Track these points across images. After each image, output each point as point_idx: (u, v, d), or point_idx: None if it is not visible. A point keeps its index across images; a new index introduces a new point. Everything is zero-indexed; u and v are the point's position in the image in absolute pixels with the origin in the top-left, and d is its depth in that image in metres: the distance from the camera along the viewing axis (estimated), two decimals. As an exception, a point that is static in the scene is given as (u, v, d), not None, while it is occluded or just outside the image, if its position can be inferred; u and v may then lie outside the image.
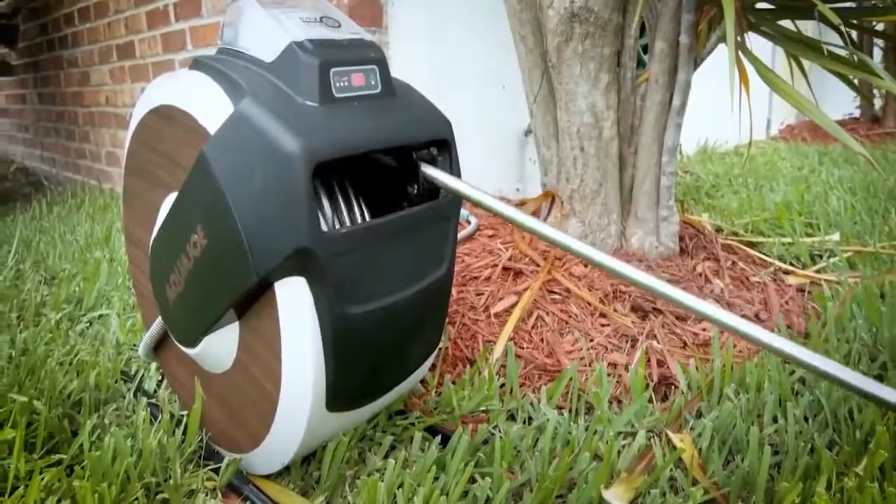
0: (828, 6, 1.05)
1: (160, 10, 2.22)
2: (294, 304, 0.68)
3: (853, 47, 1.22)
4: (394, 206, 0.76)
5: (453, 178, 0.74)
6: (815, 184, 2.17)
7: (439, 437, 0.86)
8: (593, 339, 1.08)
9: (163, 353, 0.95)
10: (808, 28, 1.41)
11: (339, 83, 0.69)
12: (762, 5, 1.27)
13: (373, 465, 0.81)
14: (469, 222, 1.46)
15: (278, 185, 0.63)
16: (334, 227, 0.72)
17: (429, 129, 0.76)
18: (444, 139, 0.77)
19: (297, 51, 0.68)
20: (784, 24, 1.30)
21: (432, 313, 0.82)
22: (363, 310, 0.70)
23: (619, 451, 0.82)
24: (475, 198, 0.72)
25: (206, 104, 0.70)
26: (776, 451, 0.82)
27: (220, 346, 0.78)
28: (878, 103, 3.68)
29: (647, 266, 1.28)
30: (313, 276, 0.66)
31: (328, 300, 0.67)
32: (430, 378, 1.01)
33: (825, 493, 0.70)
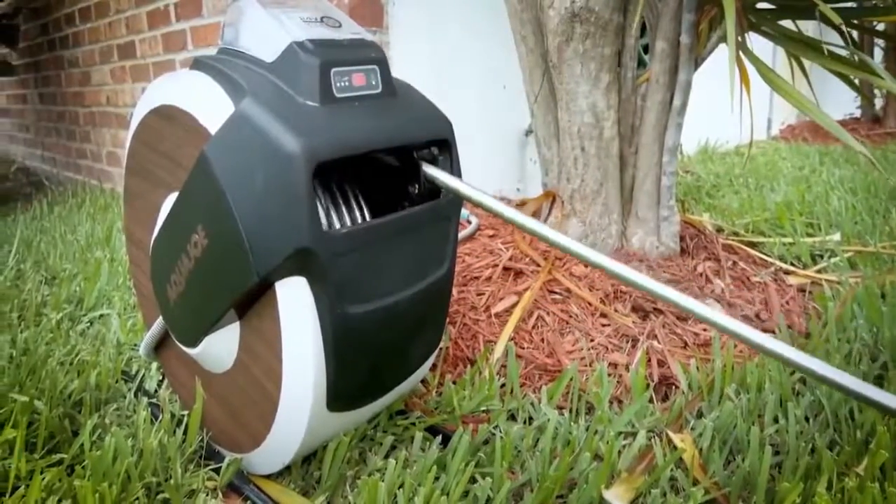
0: (829, 6, 1.05)
1: (161, 10, 2.22)
2: (295, 303, 0.68)
3: (854, 47, 1.22)
4: (394, 205, 0.76)
5: (454, 178, 0.74)
6: (815, 184, 2.17)
7: (440, 437, 0.86)
8: (594, 339, 1.08)
9: (163, 353, 0.95)
10: (809, 28, 1.41)
11: (339, 83, 0.69)
12: (763, 5, 1.27)
13: (373, 464, 0.81)
14: (470, 222, 1.46)
15: (279, 185, 0.63)
16: (335, 226, 0.72)
17: (429, 129, 0.76)
18: (444, 139, 0.77)
19: (297, 51, 0.68)
20: (785, 23, 1.30)
21: (433, 313, 0.82)
22: (364, 310, 0.70)
23: (620, 451, 0.82)
24: (476, 198, 0.72)
25: (207, 104, 0.70)
26: (777, 452, 0.82)
27: (220, 346, 0.78)
28: (878, 103, 3.67)
29: (647, 266, 1.28)
30: (314, 276, 0.66)
31: (329, 300, 0.67)
32: (431, 378, 1.01)
33: (826, 493, 0.70)
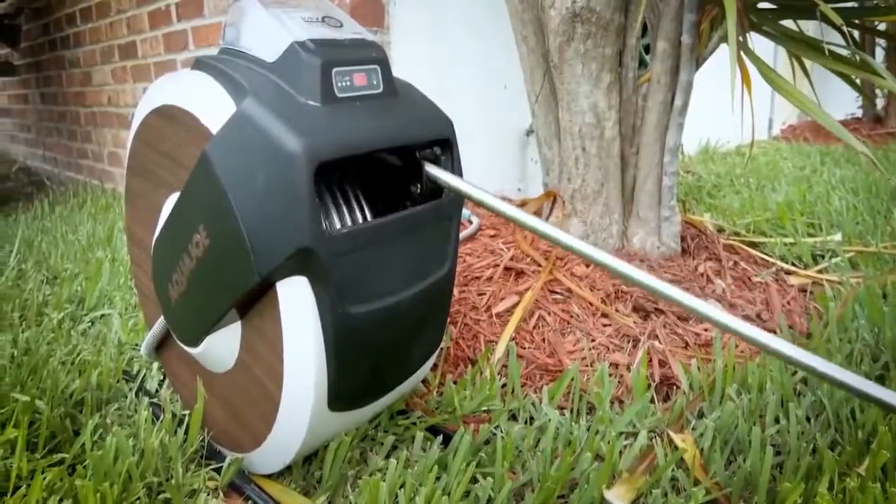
0: (830, 6, 1.05)
1: (162, 10, 2.22)
2: (296, 303, 0.68)
3: (855, 47, 1.22)
4: (395, 205, 0.76)
5: (456, 178, 0.74)
6: (817, 184, 2.17)
7: (441, 437, 0.86)
8: (595, 340, 1.08)
9: (165, 353, 0.95)
10: (810, 28, 1.41)
11: (341, 83, 0.69)
12: (764, 5, 1.27)
13: (374, 464, 0.81)
14: (471, 222, 1.46)
15: (280, 185, 0.63)
16: (336, 226, 0.72)
17: (430, 128, 0.76)
18: (445, 139, 0.77)
19: (299, 51, 0.68)
20: (786, 23, 1.30)
21: (434, 313, 0.82)
22: (365, 309, 0.70)
23: (621, 452, 0.82)
24: (477, 197, 0.72)
25: (209, 104, 0.70)
26: (778, 452, 0.82)
27: (222, 346, 0.78)
28: (880, 103, 3.67)
29: (648, 266, 1.28)
30: (315, 276, 0.66)
31: (330, 300, 0.67)
32: (432, 378, 1.01)
33: (827, 493, 0.70)
